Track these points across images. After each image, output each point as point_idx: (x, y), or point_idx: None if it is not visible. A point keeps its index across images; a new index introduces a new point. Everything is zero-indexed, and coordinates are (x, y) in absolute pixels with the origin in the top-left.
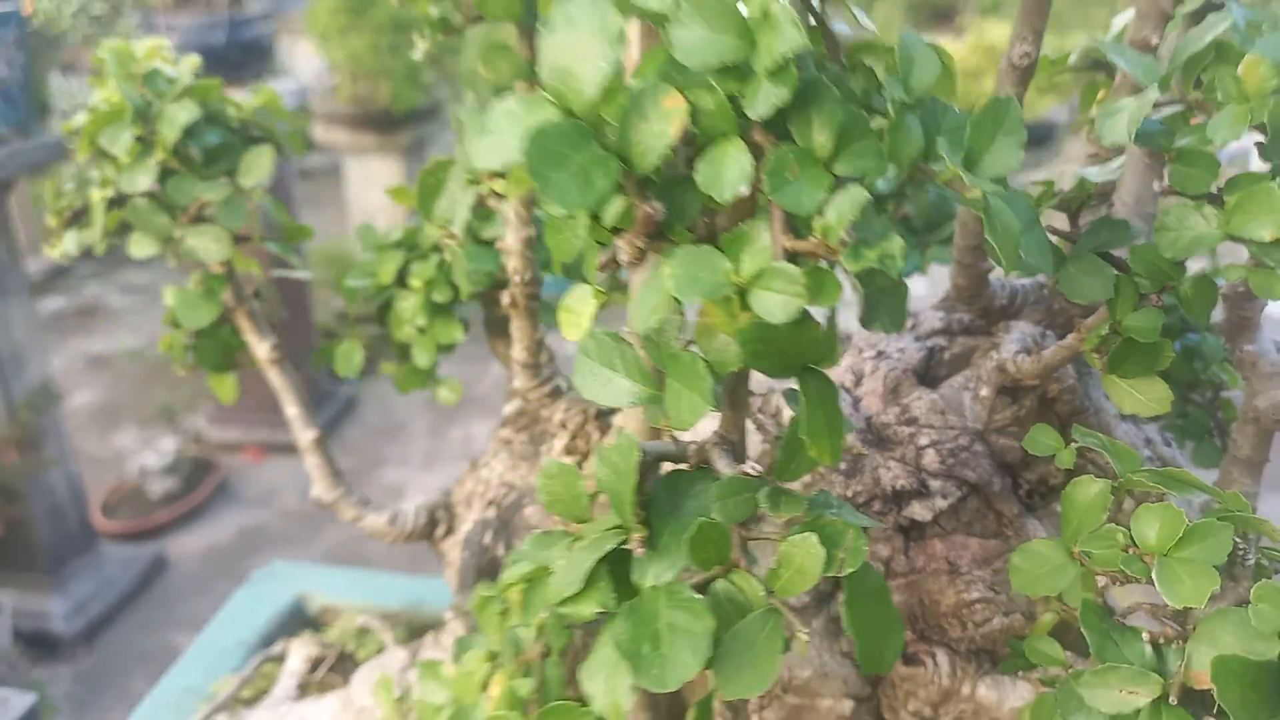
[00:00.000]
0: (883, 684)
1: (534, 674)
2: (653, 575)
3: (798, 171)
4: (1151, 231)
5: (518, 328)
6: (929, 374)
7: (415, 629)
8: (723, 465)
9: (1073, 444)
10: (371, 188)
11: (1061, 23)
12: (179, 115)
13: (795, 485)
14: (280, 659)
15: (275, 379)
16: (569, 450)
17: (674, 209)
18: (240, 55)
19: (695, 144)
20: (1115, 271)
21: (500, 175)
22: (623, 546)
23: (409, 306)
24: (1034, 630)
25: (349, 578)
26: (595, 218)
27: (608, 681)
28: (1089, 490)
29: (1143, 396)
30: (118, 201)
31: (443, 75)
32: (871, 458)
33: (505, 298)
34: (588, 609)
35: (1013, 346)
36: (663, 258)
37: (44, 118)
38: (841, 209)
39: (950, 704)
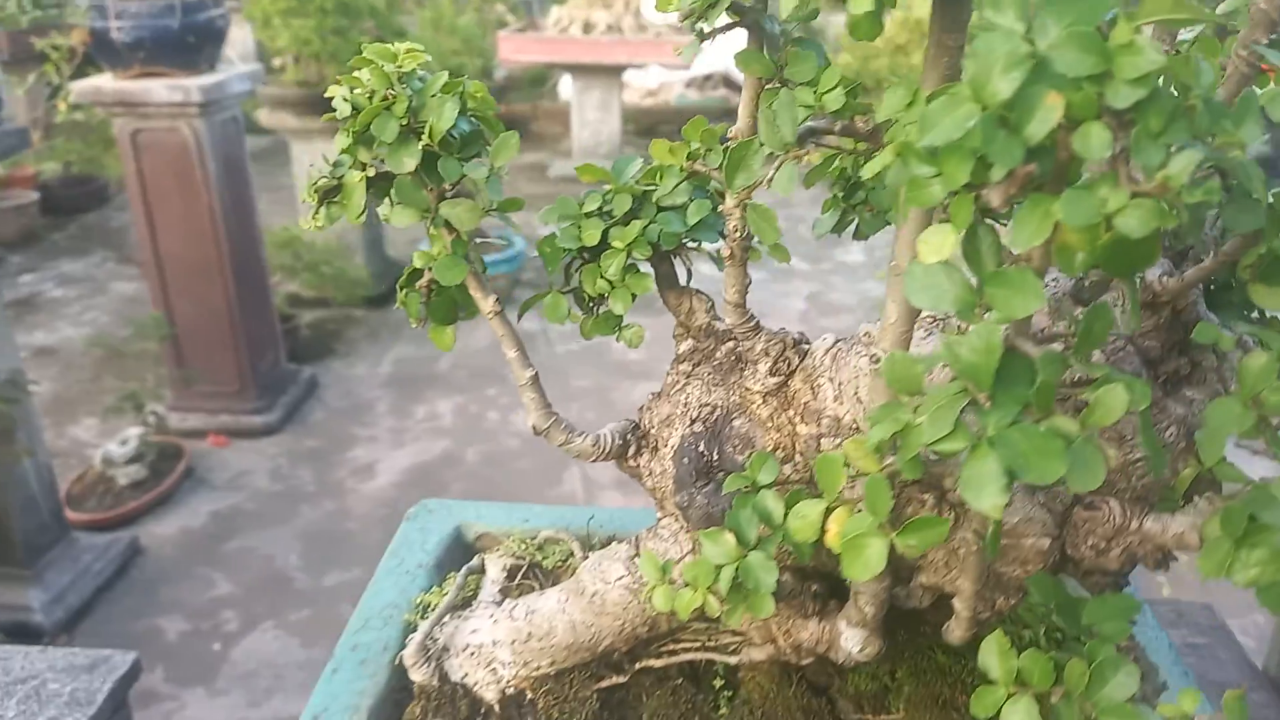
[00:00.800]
0: (1067, 525)
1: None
2: (994, 422)
3: (1145, 142)
4: None
5: (731, 274)
6: (1079, 295)
7: (581, 542)
8: (1028, 347)
9: (1229, 333)
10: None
11: None
12: (447, 109)
13: None
14: (480, 571)
15: (497, 327)
16: (773, 372)
17: (1041, 168)
18: (195, 41)
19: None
20: (1265, 208)
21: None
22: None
23: (614, 264)
24: (1179, 482)
25: (498, 509)
26: (971, 181)
27: (985, 488)
28: (1259, 359)
29: (1278, 298)
30: (373, 181)
31: None
32: None
33: (725, 250)
34: (956, 445)
35: (1157, 271)
36: (1033, 200)
37: None
38: (1182, 164)
39: (1121, 537)
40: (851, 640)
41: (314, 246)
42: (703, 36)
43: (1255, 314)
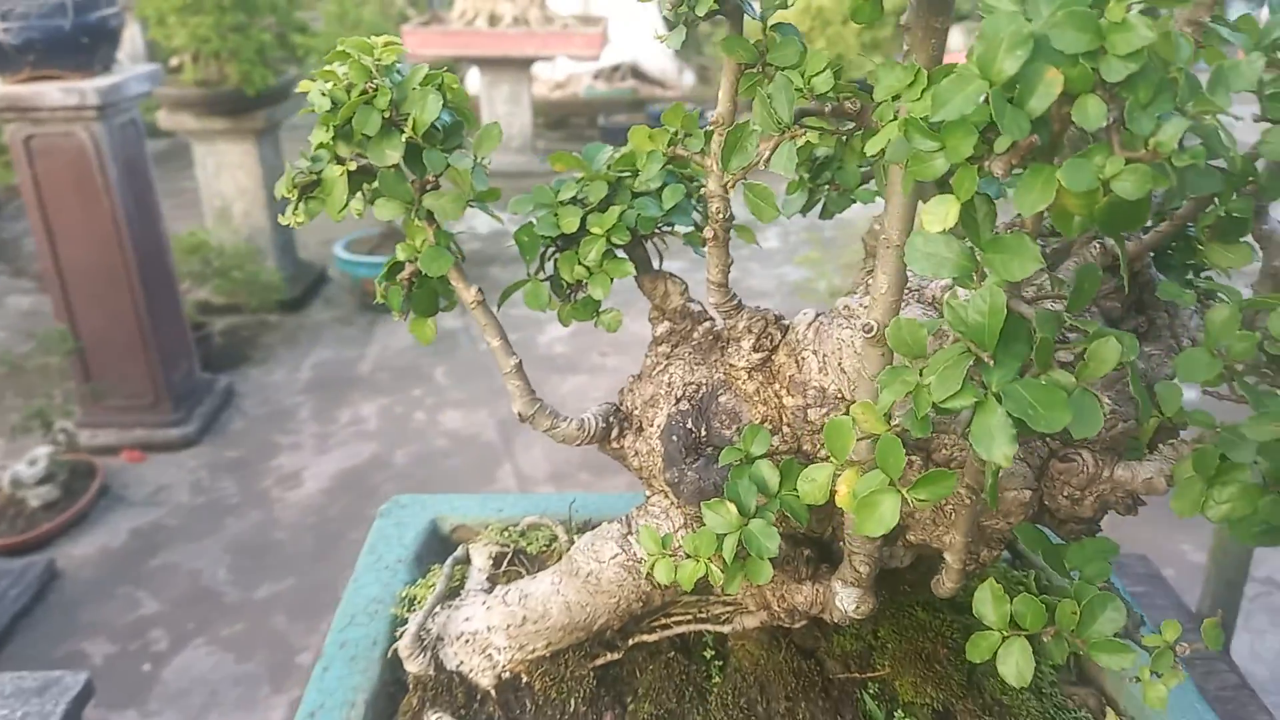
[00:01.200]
0: (1044, 478)
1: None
2: (998, 379)
3: (1136, 112)
4: None
5: (715, 255)
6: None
7: (564, 527)
8: (1024, 309)
9: (1192, 291)
10: (224, 173)
11: None
12: (431, 101)
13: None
14: (465, 560)
15: (481, 316)
16: (756, 348)
17: (1041, 139)
18: (89, 41)
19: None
20: (1220, 172)
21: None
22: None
23: (593, 250)
24: (1142, 431)
25: (472, 501)
26: (973, 154)
27: (995, 439)
28: (1223, 312)
29: (1233, 255)
30: (355, 174)
31: (290, 54)
32: None
33: (709, 232)
34: (964, 401)
35: None
36: (1034, 169)
37: None
38: (1170, 131)
39: (1094, 486)
40: (847, 600)
41: (223, 251)
42: (690, 23)
43: (1191, 274)
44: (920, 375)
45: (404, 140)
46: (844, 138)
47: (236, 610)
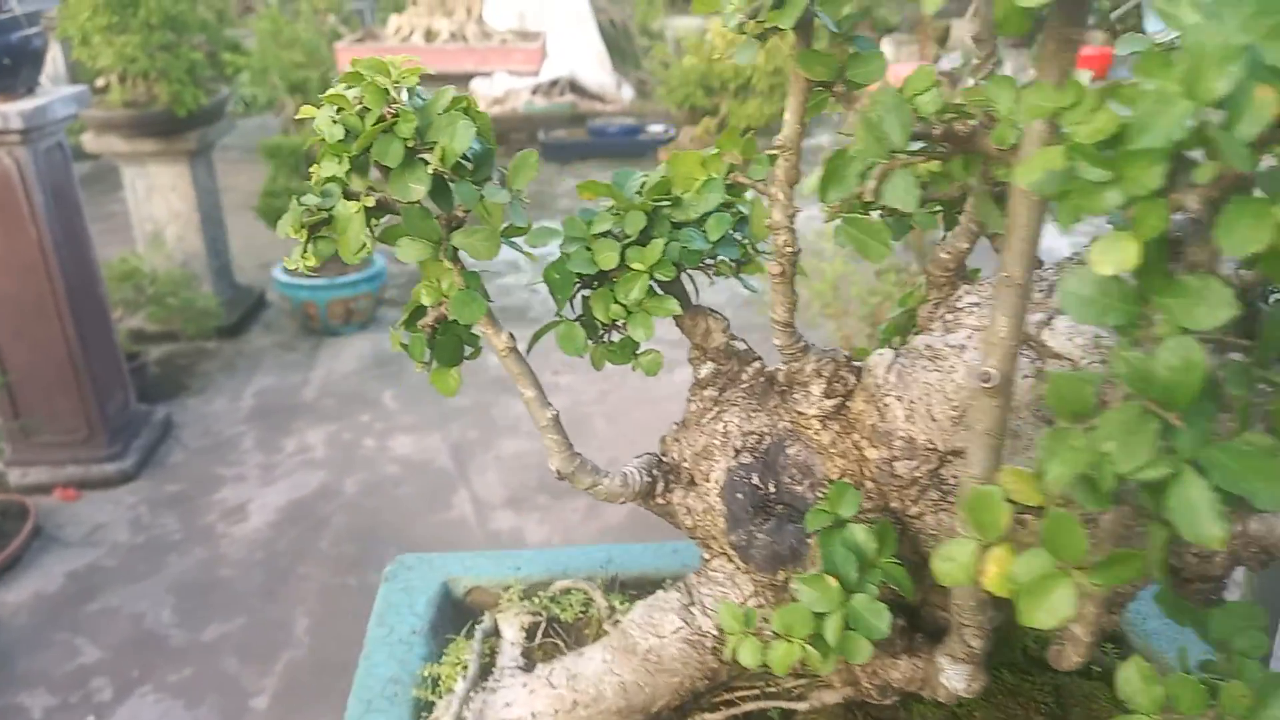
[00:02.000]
0: None
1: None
2: (1189, 443)
3: None
4: None
5: (781, 292)
6: None
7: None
8: (1210, 359)
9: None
10: (156, 196)
11: None
12: (462, 129)
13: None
14: (494, 633)
15: (512, 366)
16: (828, 394)
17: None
18: (10, 63)
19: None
20: None
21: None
22: None
23: (635, 287)
24: None
25: (485, 559)
26: (1160, 188)
27: (1200, 517)
28: None
29: None
30: (374, 211)
31: (221, 73)
32: None
33: (774, 267)
34: (1157, 472)
35: (1233, 261)
36: (1239, 203)
37: None
38: None
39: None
40: (956, 677)
41: (157, 277)
42: (762, 37)
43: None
44: (1094, 440)
45: (430, 173)
46: (958, 163)
47: (183, 654)
